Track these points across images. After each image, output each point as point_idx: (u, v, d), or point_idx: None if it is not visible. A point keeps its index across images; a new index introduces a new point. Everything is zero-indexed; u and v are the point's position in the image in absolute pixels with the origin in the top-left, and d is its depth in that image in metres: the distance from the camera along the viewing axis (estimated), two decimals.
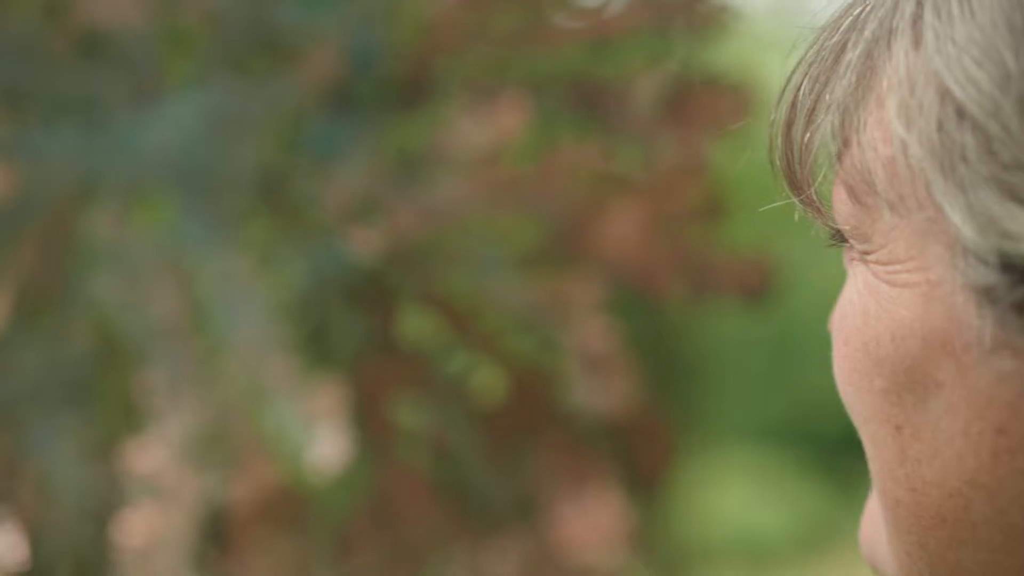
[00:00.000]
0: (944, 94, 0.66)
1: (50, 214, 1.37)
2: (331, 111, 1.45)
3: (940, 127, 0.66)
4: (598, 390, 1.45)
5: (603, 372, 1.45)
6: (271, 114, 1.43)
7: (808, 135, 0.72)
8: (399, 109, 1.46)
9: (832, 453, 5.53)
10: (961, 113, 0.66)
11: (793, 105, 0.73)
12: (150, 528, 1.37)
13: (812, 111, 0.72)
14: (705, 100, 1.43)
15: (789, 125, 0.73)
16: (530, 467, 1.49)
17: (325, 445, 1.41)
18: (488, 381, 1.49)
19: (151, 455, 1.38)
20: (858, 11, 0.72)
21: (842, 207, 0.72)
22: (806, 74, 0.73)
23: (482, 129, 1.44)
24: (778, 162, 0.75)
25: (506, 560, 1.35)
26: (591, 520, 1.43)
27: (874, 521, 0.75)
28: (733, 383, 5.82)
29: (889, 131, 0.68)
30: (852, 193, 0.71)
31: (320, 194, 1.45)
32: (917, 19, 0.68)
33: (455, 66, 1.46)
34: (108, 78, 1.39)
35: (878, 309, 0.70)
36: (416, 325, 1.45)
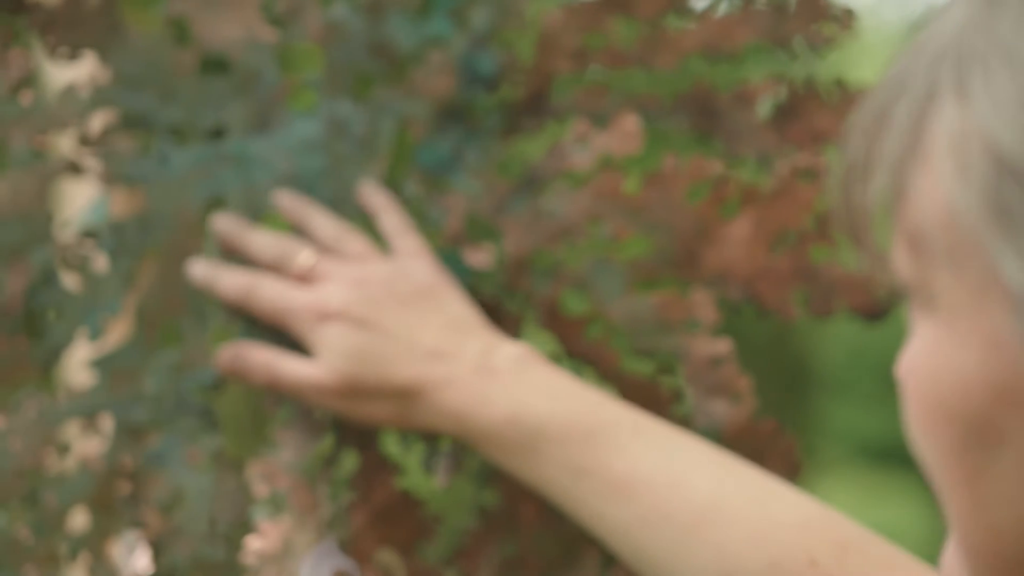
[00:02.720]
0: (992, 149, 0.68)
1: (174, 235, 1.39)
2: (446, 129, 1.46)
3: (990, 182, 0.68)
4: (714, 406, 1.45)
5: (719, 388, 1.45)
6: (388, 133, 1.44)
7: (865, 193, 0.74)
8: (514, 126, 1.47)
9: None
10: (1011, 167, 0.67)
11: (850, 165, 0.75)
12: (278, 545, 1.39)
13: (866, 169, 0.74)
14: (824, 110, 1.43)
15: (847, 184, 0.75)
16: None
17: (445, 457, 1.42)
18: None
19: (278, 472, 1.40)
20: (903, 72, 0.73)
21: (902, 262, 0.74)
22: (858, 133, 0.74)
23: (597, 144, 1.45)
24: (840, 219, 0.76)
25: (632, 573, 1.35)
26: None
27: (955, 564, 0.75)
28: (841, 402, 5.77)
29: (940, 188, 0.69)
30: (911, 248, 0.72)
31: (436, 213, 1.46)
32: (963, 77, 0.69)
33: (571, 82, 1.46)
34: (230, 99, 1.41)
35: (945, 362, 0.71)
36: (532, 343, 1.46)
